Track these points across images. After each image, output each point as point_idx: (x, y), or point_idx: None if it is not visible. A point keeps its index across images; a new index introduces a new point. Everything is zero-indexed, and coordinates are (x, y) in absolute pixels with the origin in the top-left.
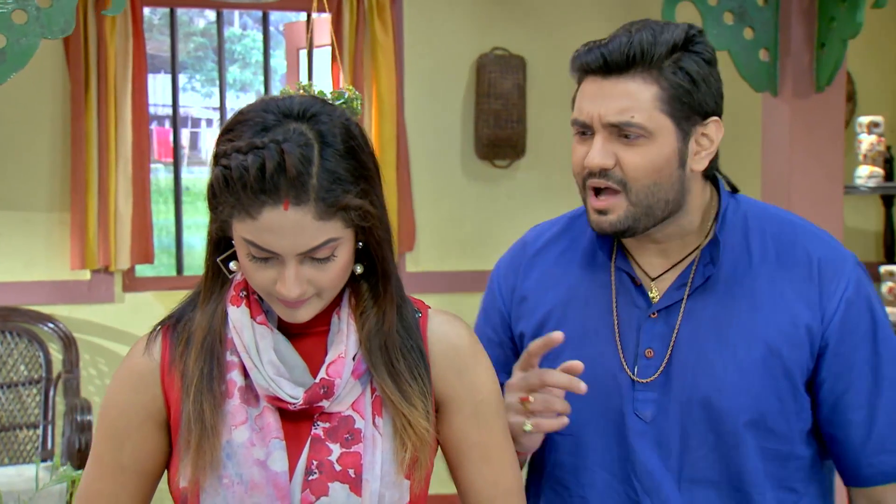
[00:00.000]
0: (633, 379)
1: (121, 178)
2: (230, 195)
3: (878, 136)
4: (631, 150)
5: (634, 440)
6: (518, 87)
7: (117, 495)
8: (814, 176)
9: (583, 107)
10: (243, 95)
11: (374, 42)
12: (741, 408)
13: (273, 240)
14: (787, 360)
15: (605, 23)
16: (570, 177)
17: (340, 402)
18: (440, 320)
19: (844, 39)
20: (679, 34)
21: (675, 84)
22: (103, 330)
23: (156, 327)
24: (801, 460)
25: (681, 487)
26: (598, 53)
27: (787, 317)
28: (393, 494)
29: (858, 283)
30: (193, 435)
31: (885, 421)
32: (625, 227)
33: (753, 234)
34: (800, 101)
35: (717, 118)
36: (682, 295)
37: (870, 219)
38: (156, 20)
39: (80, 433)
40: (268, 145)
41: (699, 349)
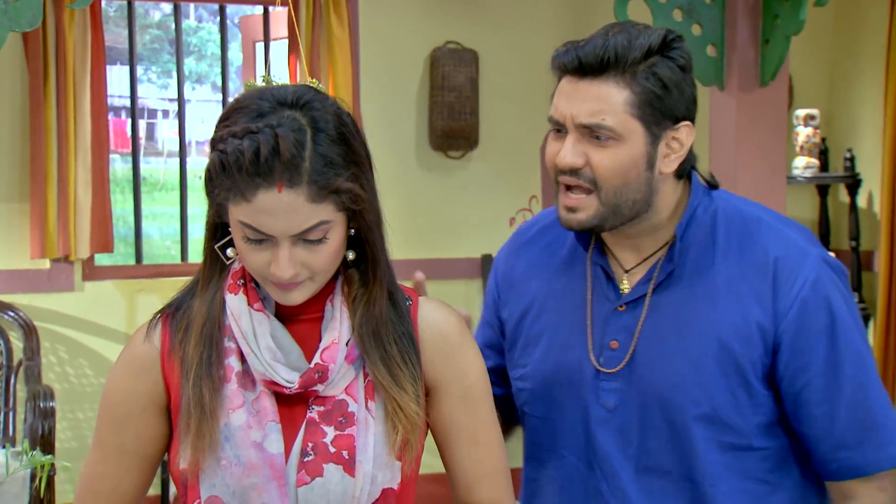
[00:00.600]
0: (597, 369)
1: (80, 169)
2: (226, 178)
3: (813, 129)
4: (601, 152)
5: (597, 428)
6: (471, 80)
7: (120, 478)
8: (758, 167)
9: (558, 106)
10: (199, 87)
11: (330, 36)
12: (693, 402)
13: (267, 221)
14: (738, 357)
15: (555, 18)
16: (522, 167)
17: (334, 387)
18: (430, 307)
19: (788, 36)
20: (656, 39)
21: (647, 89)
22: (63, 318)
23: (156, 315)
24: (762, 452)
25: (637, 475)
26: (574, 55)
27: (740, 313)
28: (385, 475)
29: (816, 282)
30: (193, 418)
31: (846, 418)
32: (592, 225)
33: (719, 232)
34: (745, 95)
35: (689, 122)
36: (647, 289)
37: (805, 208)
38: (111, 12)
39: (42, 419)
40: (263, 130)
41: (660, 342)
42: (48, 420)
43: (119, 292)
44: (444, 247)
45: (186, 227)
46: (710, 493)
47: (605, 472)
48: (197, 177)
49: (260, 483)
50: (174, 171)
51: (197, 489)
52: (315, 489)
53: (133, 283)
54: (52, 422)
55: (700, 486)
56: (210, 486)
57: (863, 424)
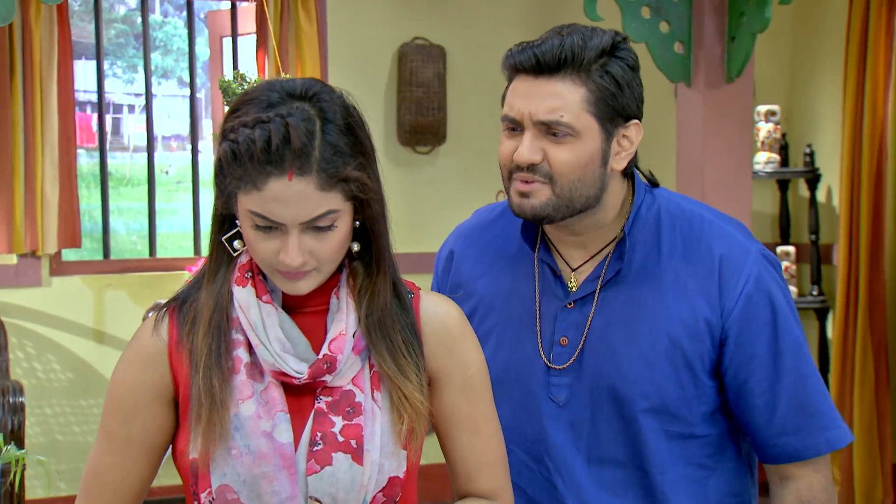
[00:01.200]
0: (547, 365)
1: (47, 164)
2: (237, 167)
3: (774, 125)
4: (558, 148)
5: (548, 422)
6: (438, 75)
7: (126, 468)
8: (725, 161)
9: (514, 104)
10: (165, 82)
11: (298, 31)
12: (643, 395)
13: (278, 209)
14: (687, 352)
15: (522, 16)
16: (489, 162)
17: (342, 377)
18: (432, 301)
19: (753, 33)
20: (606, 40)
21: (602, 87)
22: (31, 313)
23: (163, 308)
24: (704, 439)
25: (590, 467)
26: (531, 53)
27: (689, 310)
28: (392, 463)
29: (759, 278)
30: (204, 408)
31: (786, 406)
32: (544, 213)
33: (664, 230)
34: (712, 91)
35: (637, 121)
36: (595, 286)
37: (766, 202)
38: (76, 6)
39: (12, 415)
40: (273, 119)
41: (609, 339)
42: (18, 415)
43: (87, 287)
44: (412, 241)
45: (155, 223)
46: (660, 480)
47: (557, 465)
48: (164, 172)
49: (270, 472)
50: (140, 166)
51: (208, 478)
52: (324, 477)
53: (101, 278)
54: (21, 417)
55: (650, 475)
56: (221, 475)
57: (802, 411)
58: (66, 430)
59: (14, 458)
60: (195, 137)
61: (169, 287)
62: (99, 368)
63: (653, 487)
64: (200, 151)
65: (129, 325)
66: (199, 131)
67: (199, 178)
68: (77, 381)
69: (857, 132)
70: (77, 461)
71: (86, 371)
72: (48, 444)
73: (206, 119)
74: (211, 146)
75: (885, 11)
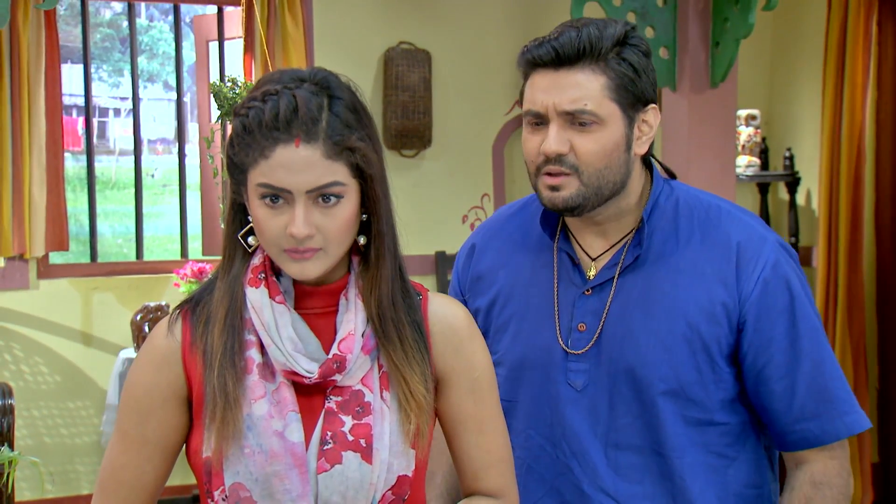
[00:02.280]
0: (566, 351)
1: (35, 167)
2: (247, 138)
3: (755, 129)
4: (584, 137)
5: (566, 407)
6: (424, 79)
7: (142, 467)
8: (709, 165)
9: (536, 98)
10: (150, 86)
11: (284, 35)
12: (661, 378)
13: (285, 176)
14: (704, 335)
15: (506, 20)
16: (474, 166)
17: (351, 377)
18: (440, 302)
19: (737, 39)
20: (620, 30)
21: (621, 74)
22: (18, 316)
23: (176, 310)
24: (723, 427)
25: (607, 452)
26: (550, 47)
27: (706, 295)
28: (401, 463)
29: (776, 264)
30: (218, 407)
31: (805, 391)
32: (576, 203)
33: (682, 218)
34: (696, 96)
35: (654, 105)
36: (613, 273)
37: (747, 205)
38: (62, 10)
39: (1, 416)
40: (282, 92)
41: (627, 323)
42: (7, 417)
43: (74, 290)
44: None
45: (142, 226)
46: (678, 464)
47: (574, 450)
48: (150, 175)
49: (282, 470)
50: (125, 169)
51: (221, 476)
52: (334, 476)
53: (88, 280)
54: (10, 419)
55: (668, 459)
56: (234, 474)
57: (820, 397)
58: (54, 433)
59: (7, 460)
60: (181, 141)
61: (156, 290)
62: (86, 371)
63: (671, 472)
64: (186, 155)
65: (116, 328)
66: (185, 135)
67: (185, 182)
68: (65, 383)
69: (835, 136)
70: (65, 463)
71: (73, 373)
72: (36, 446)
73: (193, 123)
74: (197, 150)
75: (863, 18)
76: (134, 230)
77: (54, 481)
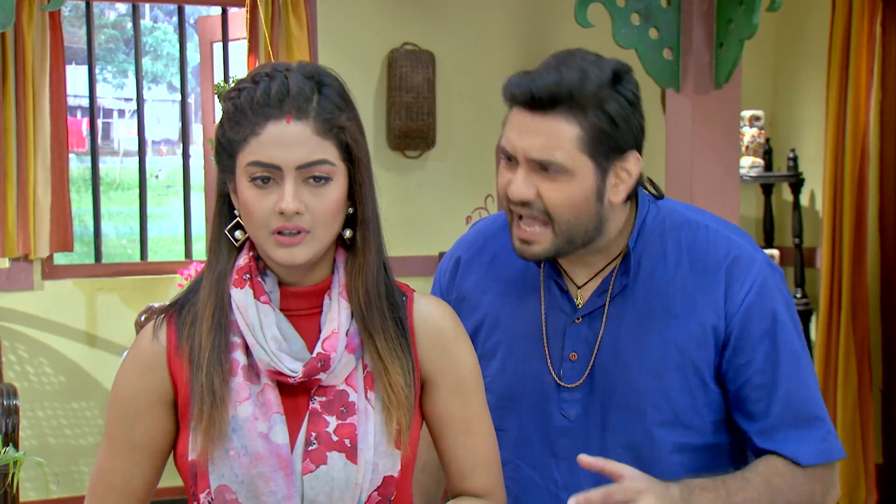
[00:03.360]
0: (557, 382)
1: (39, 168)
2: (237, 116)
3: (758, 129)
4: (551, 185)
5: (557, 438)
6: (428, 80)
7: (130, 471)
8: (713, 166)
9: (510, 138)
10: (154, 87)
11: (288, 36)
12: (655, 408)
13: (275, 151)
14: (696, 360)
15: (511, 21)
16: (478, 167)
17: (336, 376)
18: (425, 302)
19: (741, 40)
20: (606, 75)
21: (596, 126)
22: (23, 317)
23: (161, 314)
24: (718, 448)
25: (599, 483)
26: (528, 89)
27: (696, 320)
28: (386, 463)
29: (762, 287)
30: (205, 405)
31: (778, 413)
32: (547, 256)
33: (670, 242)
34: (700, 97)
35: (636, 153)
36: (603, 301)
37: (751, 206)
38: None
39: (6, 417)
40: (274, 73)
41: (619, 352)
42: (11, 418)
43: (79, 291)
44: (402, 245)
45: (146, 227)
46: None
47: (565, 480)
48: (154, 176)
49: (267, 472)
50: (130, 170)
51: (206, 479)
52: (319, 477)
53: (93, 281)
54: (15, 419)
55: None
56: (219, 476)
57: (796, 421)
58: (59, 433)
59: (12, 461)
60: (186, 142)
61: (160, 290)
62: (91, 371)
63: None
64: (191, 156)
65: (120, 329)
66: (189, 136)
67: (189, 183)
68: (69, 384)
69: (839, 137)
70: (69, 464)
71: (78, 374)
72: (40, 446)
73: (196, 124)
74: (201, 151)
75: (867, 18)
76: (138, 231)
77: (59, 482)
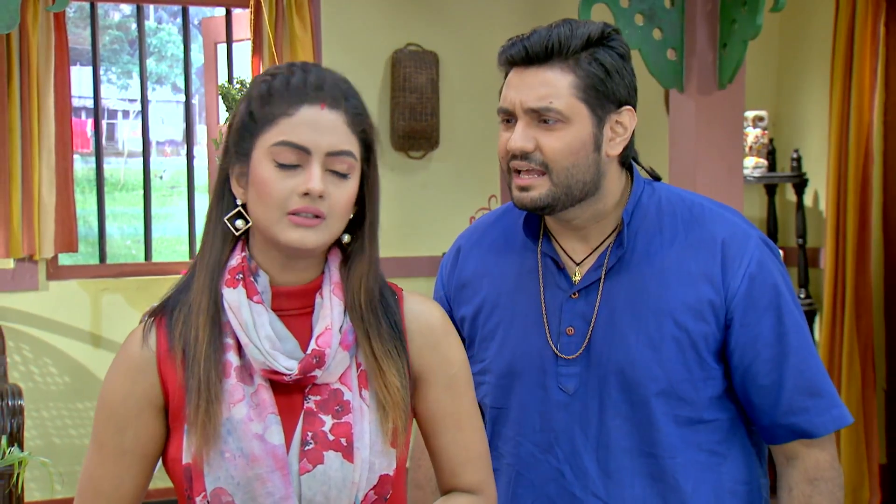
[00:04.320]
0: (556, 355)
1: (44, 169)
2: (270, 97)
3: (762, 130)
4: (550, 135)
5: (557, 412)
6: (432, 81)
7: (120, 477)
8: (716, 166)
9: (507, 95)
10: (159, 88)
11: (292, 37)
12: (651, 378)
13: (308, 134)
14: (692, 333)
15: (514, 22)
16: (482, 167)
17: (330, 374)
18: (415, 300)
19: (745, 40)
20: (595, 30)
21: (590, 73)
22: (28, 317)
23: (150, 318)
24: (713, 423)
25: (598, 455)
26: (521, 46)
27: (693, 293)
28: (382, 462)
29: (761, 260)
30: (201, 402)
31: (792, 386)
32: (545, 203)
33: (665, 217)
34: (704, 98)
35: (630, 107)
36: (599, 275)
37: (754, 207)
38: (71, 13)
39: (11, 417)
40: (308, 67)
41: (615, 325)
42: (16, 418)
43: (84, 292)
44: (406, 245)
45: (150, 227)
46: (670, 465)
47: (565, 455)
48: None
49: (263, 473)
50: (134, 171)
51: (202, 482)
52: (316, 476)
53: (98, 282)
54: (20, 420)
55: (660, 460)
56: (215, 479)
57: (807, 391)
58: (63, 434)
59: (17, 461)
60: (190, 143)
61: (164, 291)
62: (95, 372)
63: (663, 473)
64: (195, 157)
65: (125, 329)
66: (193, 137)
67: (193, 183)
68: (74, 384)
69: (843, 137)
70: (74, 464)
71: (83, 374)
72: (45, 446)
73: (201, 124)
74: (205, 151)
75: (870, 18)
76: (142, 232)
77: (63, 482)
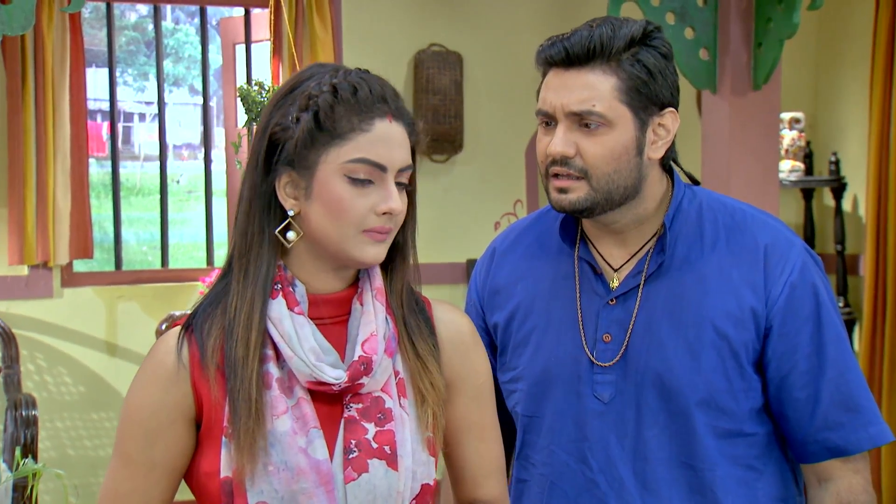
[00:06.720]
0: (592, 362)
1: (59, 173)
2: (342, 110)
3: (798, 132)
4: (591, 139)
5: (592, 421)
6: (455, 83)
7: (149, 493)
8: (751, 170)
9: (546, 97)
10: (176, 90)
11: (313, 37)
12: (690, 387)
13: (385, 151)
14: (733, 342)
15: (539, 22)
16: (507, 171)
17: (376, 381)
18: (444, 309)
19: (781, 39)
20: (637, 29)
21: (633, 75)
22: (42, 325)
23: (181, 328)
24: (751, 437)
25: (635, 465)
26: (561, 47)
27: (734, 300)
28: (423, 470)
29: (804, 269)
30: (245, 418)
31: (829, 400)
32: (583, 207)
33: (706, 223)
34: (738, 99)
35: (673, 109)
36: (638, 282)
37: (791, 211)
38: (87, 14)
39: (25, 428)
40: (362, 73)
41: (654, 332)
42: (31, 429)
43: (99, 299)
44: (429, 252)
45: (167, 233)
46: (710, 477)
47: (601, 464)
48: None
49: (309, 488)
50: (150, 175)
51: (244, 496)
52: (362, 485)
53: (113, 289)
54: (34, 430)
55: (699, 472)
56: (258, 493)
57: (844, 406)
58: (78, 445)
59: (31, 472)
60: (208, 146)
61: (182, 298)
62: (111, 381)
63: (701, 486)
64: (213, 161)
65: (141, 338)
66: (211, 140)
67: (211, 188)
68: (89, 394)
69: (883, 140)
70: (88, 475)
71: (98, 384)
72: (60, 458)
73: (219, 127)
74: (223, 155)
75: None
76: (159, 237)
77: (78, 494)
